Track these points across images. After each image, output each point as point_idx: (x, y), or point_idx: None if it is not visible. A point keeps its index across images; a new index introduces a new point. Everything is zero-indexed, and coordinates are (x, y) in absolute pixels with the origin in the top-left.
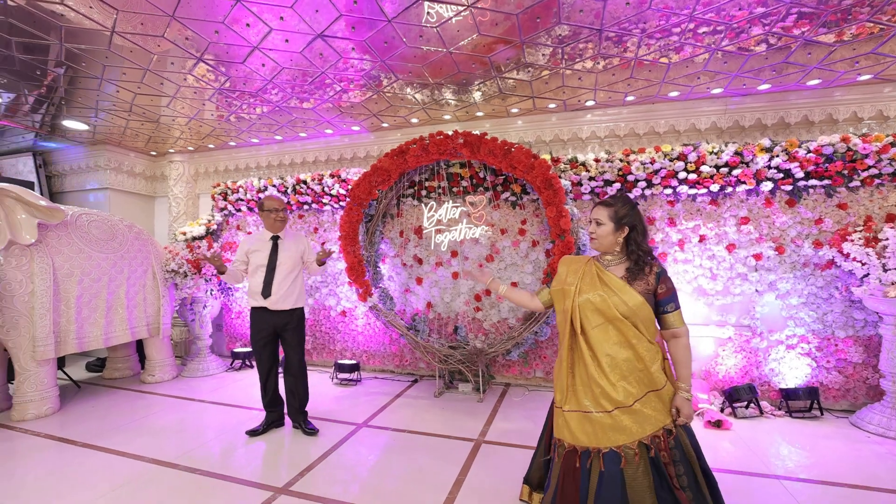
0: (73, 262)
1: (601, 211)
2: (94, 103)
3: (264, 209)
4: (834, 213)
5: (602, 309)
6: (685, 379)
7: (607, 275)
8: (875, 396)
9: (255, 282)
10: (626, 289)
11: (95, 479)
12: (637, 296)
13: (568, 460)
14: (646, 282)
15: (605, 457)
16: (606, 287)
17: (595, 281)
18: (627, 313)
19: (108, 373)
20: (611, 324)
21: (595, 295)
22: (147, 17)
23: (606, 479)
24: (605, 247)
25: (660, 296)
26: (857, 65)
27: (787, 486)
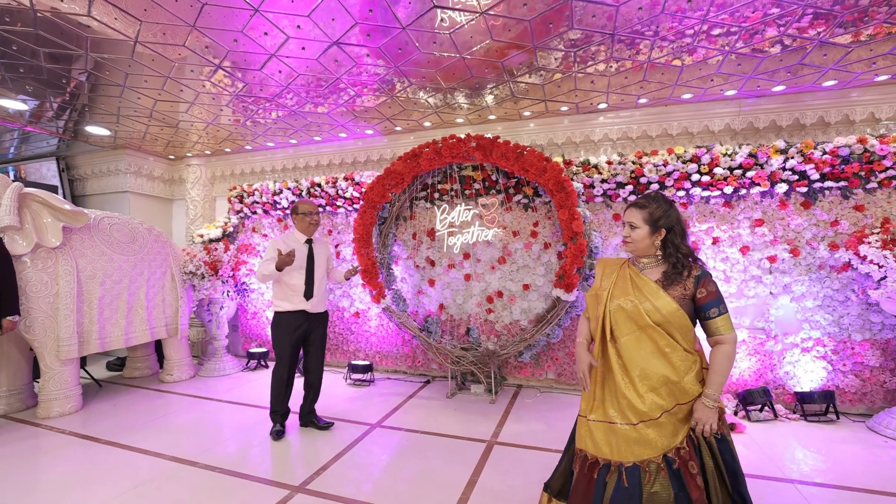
0: (96, 264)
1: (635, 213)
2: (115, 109)
3: (299, 212)
4: (850, 215)
5: (634, 316)
6: (713, 385)
7: (642, 279)
8: (892, 400)
9: (292, 284)
10: (660, 294)
11: (118, 476)
12: (671, 302)
13: (582, 467)
14: (683, 286)
15: (627, 471)
16: (639, 292)
17: (628, 285)
18: (661, 321)
19: (128, 372)
20: (643, 332)
21: (626, 301)
22: (169, 27)
23: (622, 494)
24: (640, 251)
25: (700, 301)
26: (875, 65)
27: (802, 491)
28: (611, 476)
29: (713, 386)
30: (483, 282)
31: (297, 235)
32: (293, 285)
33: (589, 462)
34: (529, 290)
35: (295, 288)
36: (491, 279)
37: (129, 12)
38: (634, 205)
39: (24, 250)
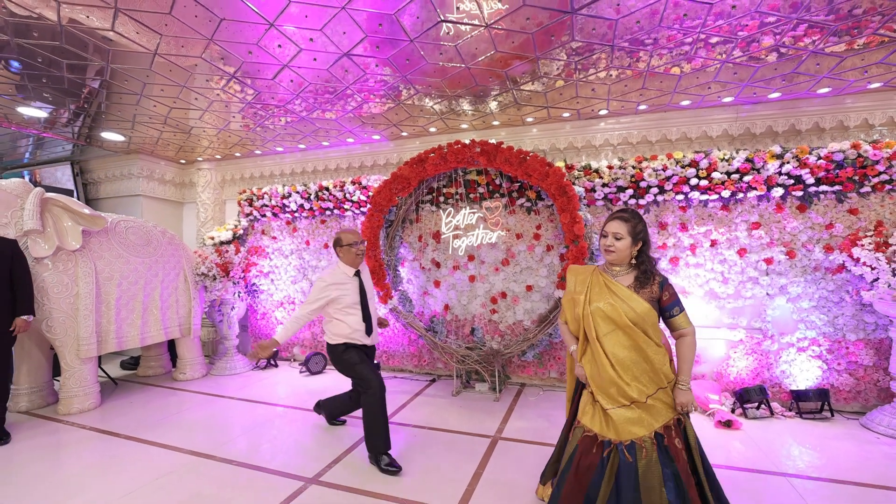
0: (113, 266)
1: (620, 225)
2: (131, 116)
3: (343, 244)
4: (845, 219)
5: (612, 316)
6: (684, 373)
7: (615, 284)
8: (886, 398)
9: (350, 321)
10: (634, 297)
11: (138, 469)
12: (644, 303)
13: (586, 444)
14: (651, 290)
15: (626, 448)
16: (615, 296)
17: (604, 290)
18: (636, 319)
19: (142, 370)
20: (621, 330)
21: (605, 304)
22: (187, 40)
23: (623, 470)
24: (619, 259)
25: (664, 302)
26: (867, 73)
27: (797, 485)
28: (612, 453)
29: (684, 373)
30: (487, 283)
31: (345, 269)
32: (351, 323)
33: (597, 442)
34: (532, 291)
35: (354, 326)
36: (495, 280)
37: (151, 27)
38: (618, 218)
39: (45, 253)
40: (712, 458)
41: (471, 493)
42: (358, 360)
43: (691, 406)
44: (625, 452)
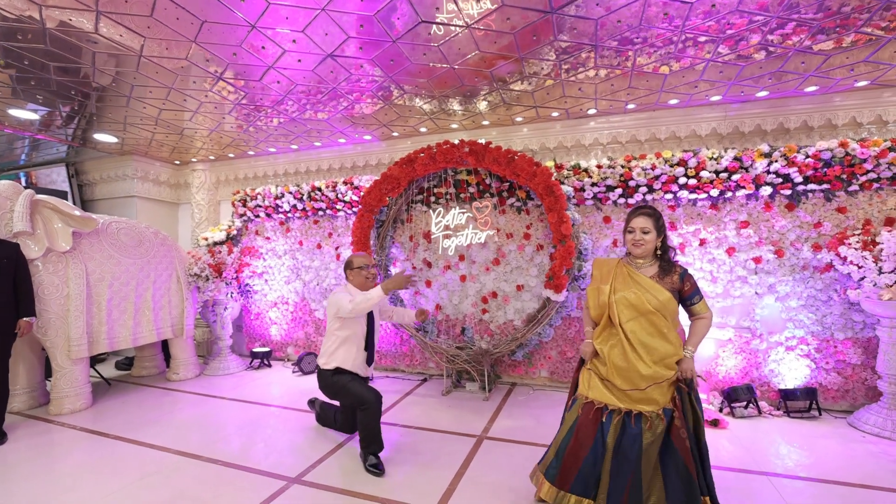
0: (105, 267)
1: (647, 221)
2: (122, 118)
3: (354, 267)
4: (833, 217)
5: (636, 304)
6: (693, 343)
7: (639, 275)
8: (873, 397)
9: (350, 351)
10: (657, 287)
11: (126, 468)
12: (666, 292)
13: (587, 411)
14: (671, 280)
15: (634, 417)
16: (639, 286)
17: (628, 280)
18: (658, 307)
19: (136, 371)
20: (644, 317)
21: (630, 293)
22: (171, 41)
23: (627, 438)
24: (645, 252)
25: (686, 292)
26: (853, 72)
27: (781, 484)
28: (616, 417)
29: (693, 343)
30: (478, 283)
31: (354, 291)
32: (353, 352)
33: (595, 408)
34: (523, 291)
35: (354, 355)
36: (486, 280)
37: (134, 29)
38: (644, 214)
39: (36, 255)
40: None
41: (451, 493)
42: (350, 379)
43: (691, 372)
44: (632, 421)
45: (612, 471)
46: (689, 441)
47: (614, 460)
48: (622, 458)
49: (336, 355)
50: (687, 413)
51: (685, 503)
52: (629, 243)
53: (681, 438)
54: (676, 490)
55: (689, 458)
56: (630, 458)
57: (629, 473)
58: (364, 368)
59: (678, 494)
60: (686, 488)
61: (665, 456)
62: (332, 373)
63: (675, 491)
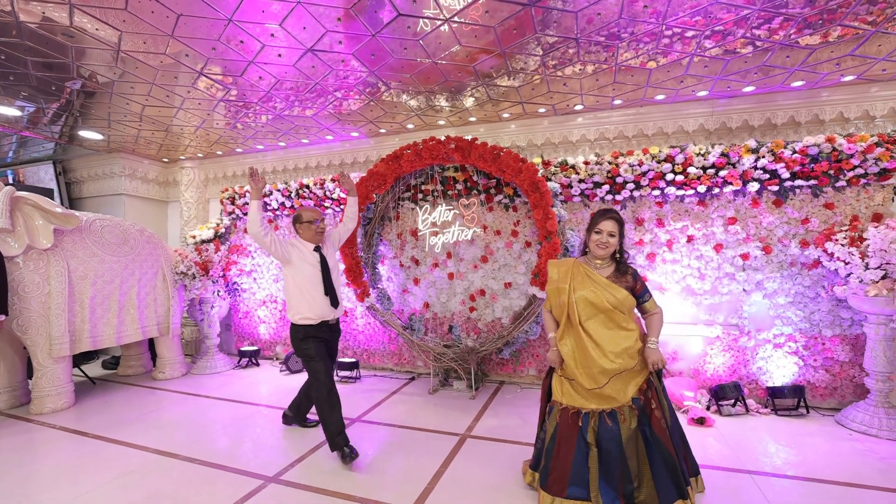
0: (87, 265)
1: (615, 225)
2: (106, 114)
3: (304, 220)
4: (821, 213)
5: (595, 302)
6: (653, 335)
7: (596, 275)
8: (861, 395)
9: (311, 297)
10: (612, 286)
11: (105, 468)
12: (622, 290)
13: (565, 418)
14: (626, 280)
15: (608, 415)
16: (597, 285)
17: (586, 280)
18: (616, 304)
19: (122, 370)
20: (602, 314)
21: (588, 291)
22: (149, 36)
23: (606, 436)
24: (608, 254)
25: (638, 290)
26: (839, 66)
27: (766, 483)
28: (592, 419)
29: (653, 335)
30: (466, 280)
31: (304, 244)
32: (314, 297)
33: (572, 412)
34: (511, 288)
35: (317, 300)
36: (474, 278)
37: (109, 23)
38: (612, 218)
39: (15, 252)
40: None
41: (429, 492)
42: (313, 355)
43: (661, 363)
44: (606, 418)
45: (602, 469)
46: (669, 429)
47: (601, 460)
48: (607, 456)
49: (300, 306)
50: (662, 403)
51: (674, 490)
52: (594, 244)
53: (662, 429)
54: (664, 478)
55: (671, 447)
56: (614, 455)
57: (617, 469)
58: (330, 311)
59: (666, 482)
60: (672, 475)
61: (650, 448)
62: (301, 336)
63: (663, 479)
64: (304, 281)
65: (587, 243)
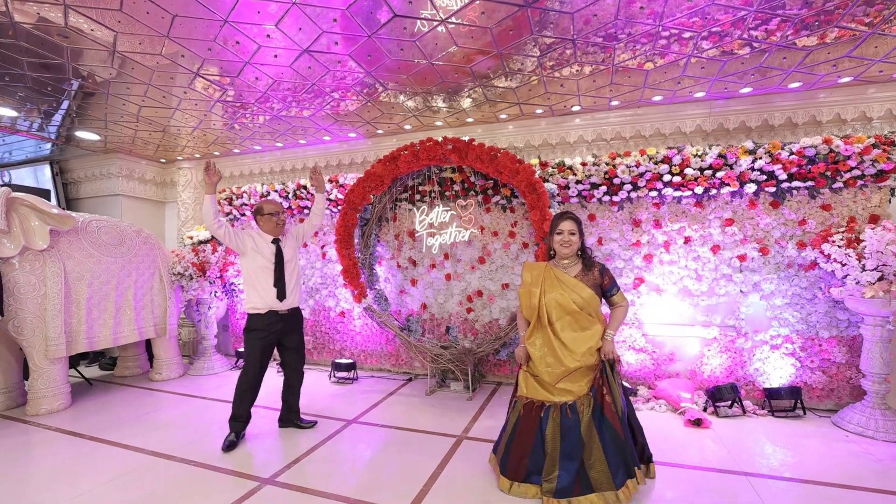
0: (84, 265)
1: (574, 224)
2: (102, 115)
3: (264, 213)
4: (818, 215)
5: (563, 304)
6: (614, 327)
7: (564, 276)
8: (858, 396)
9: (261, 287)
10: (580, 285)
11: (99, 470)
12: (588, 290)
13: (527, 410)
14: (593, 276)
15: (569, 407)
16: (564, 286)
17: (555, 282)
18: (582, 304)
19: (119, 371)
20: (569, 315)
21: (557, 294)
22: (144, 36)
23: (567, 426)
24: (572, 252)
25: (605, 285)
26: (836, 67)
27: (762, 484)
28: (553, 412)
29: (614, 327)
30: (463, 281)
31: (264, 235)
32: (264, 287)
33: (535, 405)
34: (508, 290)
35: (266, 290)
36: (471, 279)
37: (104, 23)
38: (571, 218)
39: (11, 253)
40: (681, 457)
41: (425, 494)
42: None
43: (611, 354)
44: (567, 411)
45: (562, 455)
46: (619, 413)
47: (562, 448)
48: (568, 445)
49: (249, 294)
50: (614, 390)
51: (622, 467)
52: (558, 244)
53: (612, 413)
54: (613, 456)
55: (620, 428)
56: (575, 444)
57: (578, 455)
58: (276, 303)
59: (615, 459)
60: (621, 454)
61: (601, 429)
62: (248, 324)
63: (613, 457)
64: (256, 270)
65: (552, 246)
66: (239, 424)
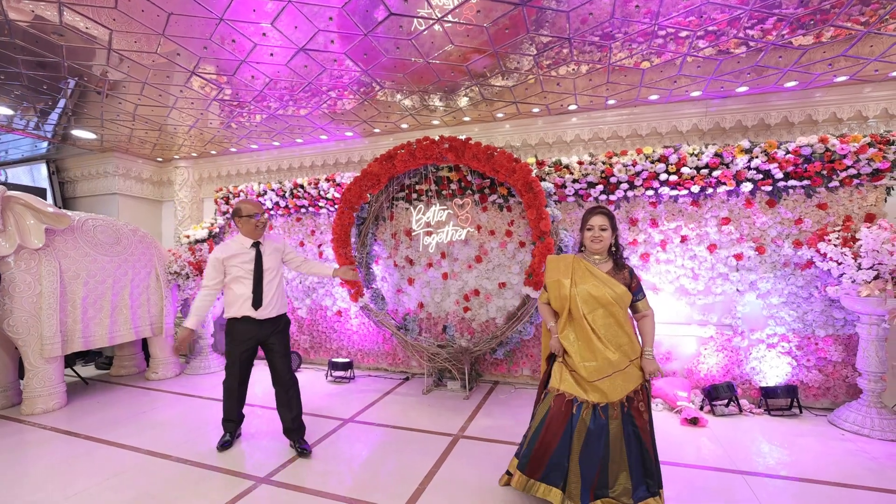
0: (79, 264)
1: (605, 220)
2: (99, 113)
3: (243, 215)
4: (814, 213)
5: (597, 296)
6: (648, 344)
7: (596, 270)
8: (854, 395)
9: (238, 292)
10: (612, 281)
11: (95, 469)
12: (621, 286)
13: (558, 403)
14: (623, 276)
15: (602, 409)
16: (597, 279)
17: (587, 275)
18: (616, 299)
19: (115, 370)
20: (603, 308)
21: (591, 286)
22: (140, 35)
23: (596, 427)
24: (602, 248)
25: (633, 287)
26: (832, 66)
27: (757, 482)
28: (585, 410)
29: (648, 344)
30: (460, 280)
31: (243, 240)
32: (236, 293)
33: (567, 400)
34: (505, 288)
35: (237, 296)
36: (468, 278)
37: (100, 21)
38: (602, 212)
39: (6, 252)
40: (677, 456)
41: (420, 493)
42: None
43: (657, 372)
44: (600, 412)
45: (582, 460)
46: (650, 428)
47: (585, 450)
48: (592, 447)
49: (227, 297)
50: (649, 406)
51: (646, 488)
52: (588, 240)
53: (645, 429)
54: (639, 476)
55: (649, 439)
56: (599, 446)
57: (598, 460)
58: (251, 310)
59: (640, 479)
60: (647, 474)
61: (630, 445)
62: (228, 336)
63: (639, 476)
64: (233, 278)
65: (582, 241)
66: (231, 425)
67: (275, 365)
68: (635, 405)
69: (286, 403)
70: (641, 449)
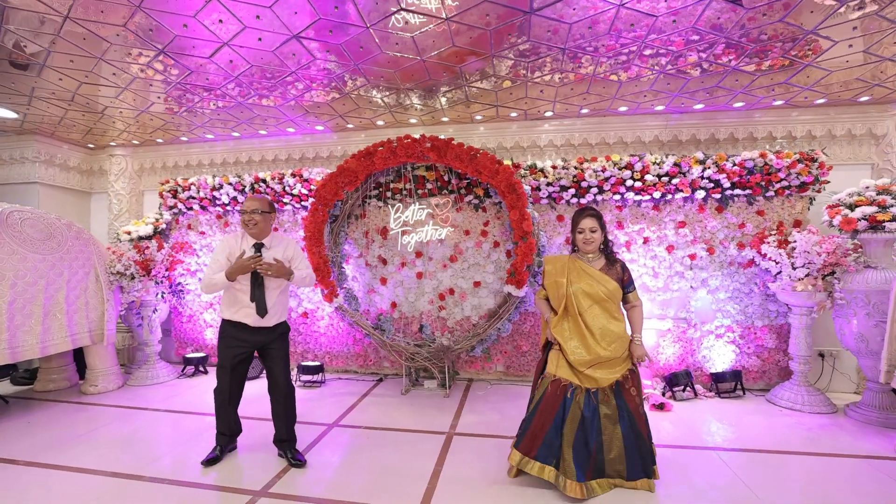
0: (5, 263)
1: (594, 221)
2: (29, 90)
3: (240, 211)
4: (754, 219)
5: (591, 293)
6: (638, 331)
7: (590, 268)
8: (786, 376)
9: (238, 295)
10: (605, 278)
11: (53, 497)
12: (613, 282)
13: (554, 387)
14: (616, 271)
15: (592, 393)
16: (591, 277)
17: (581, 273)
18: (608, 295)
19: (41, 385)
20: (598, 304)
21: (585, 284)
22: (110, 4)
23: (588, 409)
24: (593, 248)
25: (625, 281)
26: (773, 91)
27: (718, 455)
28: (579, 394)
29: (638, 331)
30: (435, 280)
31: (246, 238)
32: (235, 296)
33: (561, 385)
34: (480, 287)
35: (237, 299)
36: (443, 277)
37: None
38: (591, 214)
39: None
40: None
41: (433, 491)
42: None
43: (645, 357)
44: (591, 396)
45: (576, 441)
46: (642, 411)
47: (580, 431)
48: (587, 429)
49: (227, 304)
50: (639, 388)
51: (640, 466)
52: (580, 242)
53: (634, 402)
54: (633, 454)
55: (641, 420)
56: (593, 428)
57: (593, 442)
58: (255, 319)
59: (635, 458)
60: (640, 453)
61: (623, 425)
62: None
63: (633, 454)
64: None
65: (574, 243)
66: (224, 438)
67: (273, 372)
68: (626, 388)
69: (282, 413)
70: (634, 430)
